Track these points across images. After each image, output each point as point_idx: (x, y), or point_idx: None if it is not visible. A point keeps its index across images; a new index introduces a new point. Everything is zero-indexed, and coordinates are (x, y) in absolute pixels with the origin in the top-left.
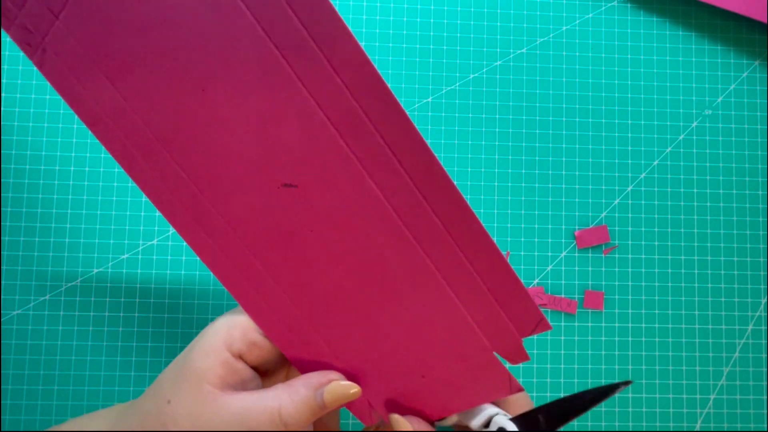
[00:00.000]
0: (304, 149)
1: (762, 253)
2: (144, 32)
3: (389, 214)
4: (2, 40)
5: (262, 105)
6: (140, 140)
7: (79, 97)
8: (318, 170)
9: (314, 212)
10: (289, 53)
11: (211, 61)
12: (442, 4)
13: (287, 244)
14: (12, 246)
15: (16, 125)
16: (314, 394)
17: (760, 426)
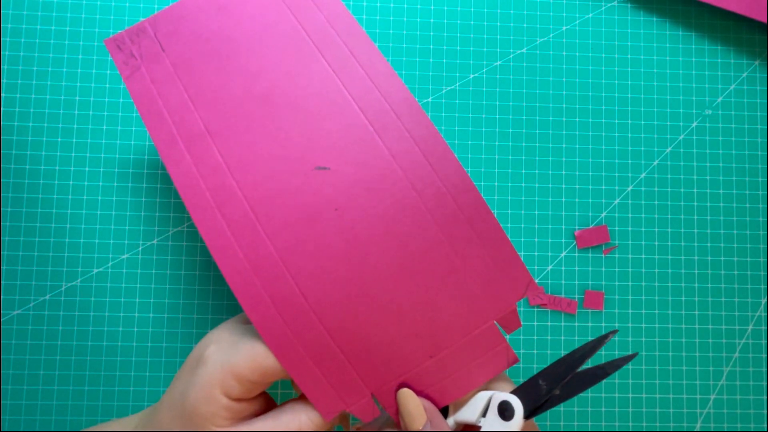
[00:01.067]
0: (341, 137)
1: (762, 253)
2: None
3: (413, 199)
4: (2, 40)
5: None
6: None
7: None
8: (350, 155)
9: (342, 192)
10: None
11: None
12: (442, 4)
13: (309, 224)
14: (12, 246)
15: (16, 125)
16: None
17: (760, 426)
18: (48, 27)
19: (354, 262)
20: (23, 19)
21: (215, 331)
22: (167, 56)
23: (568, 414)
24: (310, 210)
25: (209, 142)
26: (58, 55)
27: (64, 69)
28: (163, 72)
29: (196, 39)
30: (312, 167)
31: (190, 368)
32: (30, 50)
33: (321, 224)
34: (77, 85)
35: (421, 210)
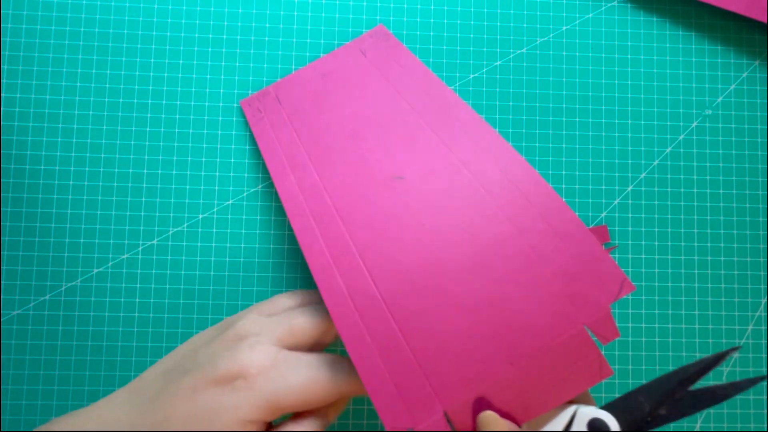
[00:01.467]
0: (413, 150)
1: (762, 253)
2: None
3: (482, 196)
4: (2, 41)
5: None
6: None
7: (270, 145)
8: (422, 165)
9: (415, 196)
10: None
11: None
12: (442, 4)
13: (386, 225)
14: (12, 246)
15: (16, 125)
16: None
17: (760, 426)
18: (48, 27)
19: (426, 259)
20: (23, 19)
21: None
22: (283, 108)
23: None
24: (388, 212)
25: (310, 167)
26: (58, 55)
27: (64, 69)
28: (279, 119)
29: (305, 95)
30: (390, 178)
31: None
32: (30, 50)
33: (396, 224)
34: (77, 85)
35: (492, 207)
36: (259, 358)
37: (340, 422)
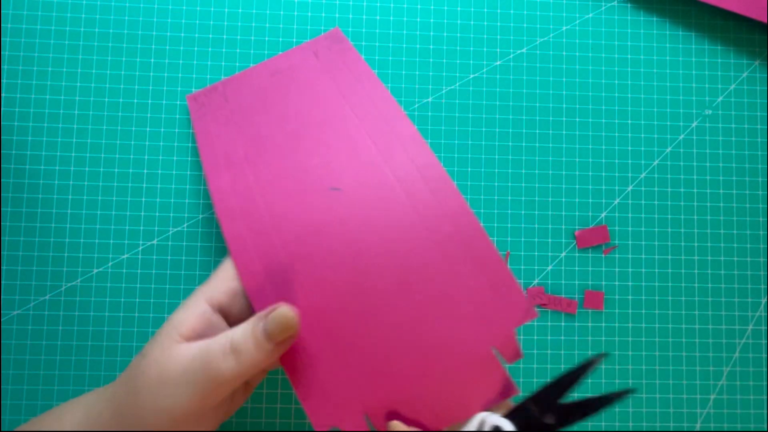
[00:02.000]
0: (353, 163)
1: (762, 253)
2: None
3: (412, 218)
4: (2, 41)
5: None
6: (232, 157)
7: (208, 141)
8: (360, 179)
9: (351, 210)
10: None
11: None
12: (442, 4)
13: (318, 236)
14: (12, 246)
15: (16, 125)
16: (257, 322)
17: (760, 426)
18: (48, 27)
19: (356, 275)
20: (23, 19)
21: None
22: (228, 105)
23: None
24: (321, 224)
25: (246, 167)
26: (58, 55)
27: (64, 69)
28: (222, 116)
29: (252, 93)
30: (327, 188)
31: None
32: (30, 50)
33: (328, 237)
34: (77, 85)
35: (421, 231)
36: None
37: None
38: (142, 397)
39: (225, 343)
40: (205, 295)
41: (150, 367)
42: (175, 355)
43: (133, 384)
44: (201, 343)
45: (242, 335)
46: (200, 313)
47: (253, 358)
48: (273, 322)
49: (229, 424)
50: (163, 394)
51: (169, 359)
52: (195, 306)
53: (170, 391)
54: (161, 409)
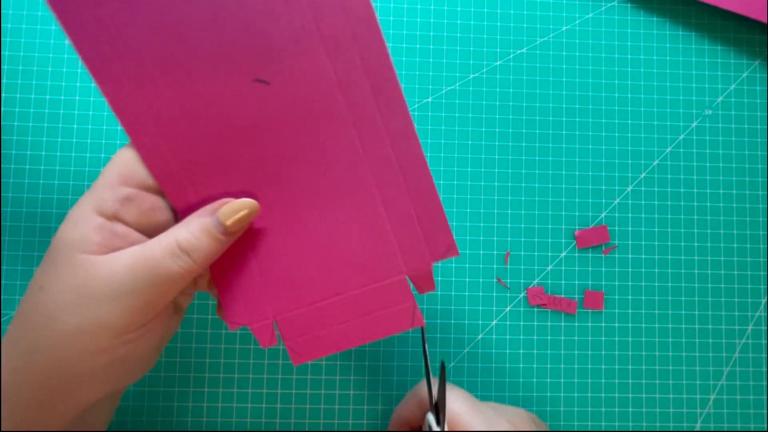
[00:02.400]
0: (288, 50)
1: (762, 253)
2: None
3: (348, 127)
4: (2, 41)
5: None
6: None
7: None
8: (296, 74)
9: (280, 112)
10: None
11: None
12: (442, 4)
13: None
14: (12, 246)
15: (16, 125)
16: (210, 218)
17: (760, 426)
18: (48, 27)
19: (282, 182)
20: (23, 19)
21: None
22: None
23: (568, 414)
24: (244, 123)
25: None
26: (58, 55)
27: (64, 69)
28: None
29: None
30: (251, 79)
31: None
32: (30, 50)
33: (254, 140)
34: (77, 85)
35: (357, 148)
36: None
37: (339, 422)
38: (61, 324)
39: (170, 244)
40: (92, 206)
41: (62, 292)
42: (100, 269)
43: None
44: (133, 250)
45: (191, 233)
46: (97, 226)
47: (207, 252)
48: (227, 215)
49: (229, 423)
50: (94, 310)
51: (93, 275)
52: (87, 220)
53: (104, 304)
54: (94, 325)
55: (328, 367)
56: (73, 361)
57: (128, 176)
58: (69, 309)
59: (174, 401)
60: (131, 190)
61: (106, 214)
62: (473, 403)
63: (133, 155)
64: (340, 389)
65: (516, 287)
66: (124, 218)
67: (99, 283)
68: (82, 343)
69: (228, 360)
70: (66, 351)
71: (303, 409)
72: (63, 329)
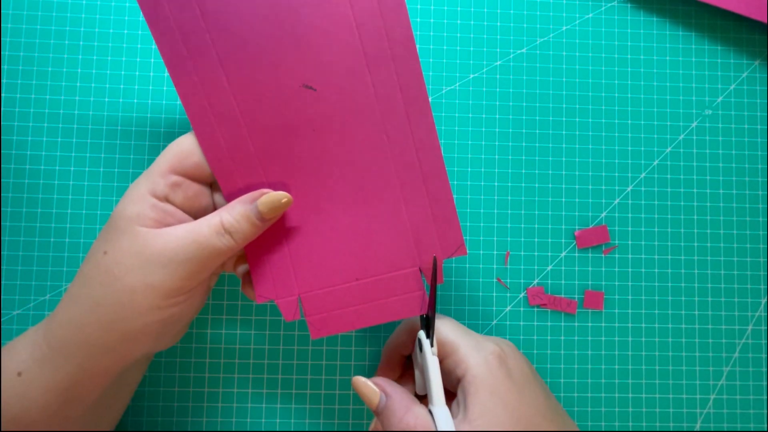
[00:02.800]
0: (335, 64)
1: (762, 253)
2: None
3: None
4: (2, 40)
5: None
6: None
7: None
8: (339, 82)
9: (323, 114)
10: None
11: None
12: (442, 4)
13: (286, 135)
14: (12, 246)
15: (16, 125)
16: (250, 206)
17: (760, 426)
18: (48, 27)
19: (318, 176)
20: (23, 19)
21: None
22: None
23: (568, 414)
24: (291, 122)
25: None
26: (58, 55)
27: (64, 69)
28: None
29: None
30: (300, 84)
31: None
32: (30, 50)
33: (298, 138)
34: (77, 85)
35: (386, 151)
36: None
37: (339, 422)
38: (122, 282)
39: (216, 224)
40: (147, 188)
41: (124, 257)
42: (157, 240)
43: (101, 279)
44: (185, 227)
45: (233, 217)
46: (152, 205)
47: (246, 234)
48: (266, 206)
49: (229, 423)
50: (151, 273)
51: (150, 244)
52: (144, 199)
53: (159, 269)
54: (150, 286)
55: (328, 367)
56: (130, 316)
57: (177, 166)
58: (130, 271)
59: (174, 401)
60: (179, 178)
61: (158, 196)
62: (462, 327)
63: (183, 150)
64: (340, 389)
65: (516, 287)
66: (173, 200)
67: (156, 251)
68: (139, 301)
69: (228, 360)
70: (125, 306)
71: (303, 409)
72: (124, 287)
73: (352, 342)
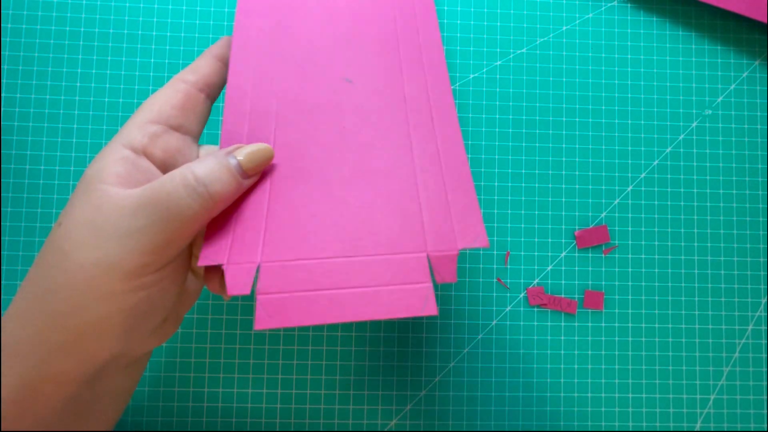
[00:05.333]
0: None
1: (762, 253)
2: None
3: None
4: (2, 40)
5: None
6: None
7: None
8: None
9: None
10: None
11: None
12: (442, 4)
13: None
14: (12, 246)
15: (16, 125)
16: (227, 158)
17: (760, 426)
18: (48, 27)
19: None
20: (23, 19)
21: None
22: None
23: (568, 414)
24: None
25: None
26: (58, 55)
27: (64, 69)
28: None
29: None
30: (340, 77)
31: None
32: (30, 50)
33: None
34: (77, 85)
35: (406, 139)
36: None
37: (339, 422)
38: (72, 261)
39: (186, 176)
40: (121, 141)
41: (76, 227)
42: (114, 203)
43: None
44: (148, 185)
45: (209, 168)
46: (122, 158)
47: (226, 188)
48: (251, 155)
49: (229, 423)
50: (104, 247)
51: (104, 208)
52: (113, 152)
53: (114, 242)
54: (104, 264)
55: (328, 367)
56: (85, 304)
57: (158, 115)
58: (81, 245)
59: (174, 401)
60: (159, 126)
61: (133, 148)
62: None
63: (163, 99)
64: (340, 389)
65: (516, 287)
66: (151, 154)
67: (110, 217)
68: (95, 284)
69: (228, 360)
70: (78, 291)
71: (303, 409)
72: (74, 267)
73: (352, 342)
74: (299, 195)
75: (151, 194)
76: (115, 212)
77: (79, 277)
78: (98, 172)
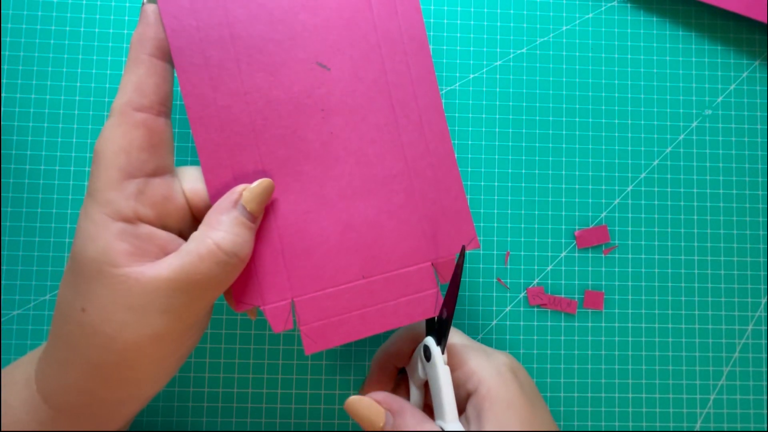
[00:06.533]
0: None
1: (762, 253)
2: None
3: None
4: (2, 40)
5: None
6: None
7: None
8: (353, 65)
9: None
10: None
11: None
12: (442, 4)
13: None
14: (12, 246)
15: (16, 125)
16: (236, 211)
17: (760, 426)
18: (48, 27)
19: (323, 164)
20: (23, 19)
21: None
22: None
23: (569, 414)
24: (299, 100)
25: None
26: (58, 55)
27: (64, 69)
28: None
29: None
30: (314, 62)
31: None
32: (30, 50)
33: (305, 118)
34: (77, 85)
35: (397, 140)
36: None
37: (339, 422)
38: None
39: (213, 251)
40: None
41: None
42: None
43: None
44: (173, 262)
45: (232, 234)
46: (119, 233)
47: (250, 246)
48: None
49: (229, 423)
50: (151, 324)
51: (136, 293)
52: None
53: (159, 317)
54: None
55: (328, 367)
56: (139, 371)
57: (128, 167)
58: (126, 327)
59: (174, 401)
60: (138, 181)
61: (126, 218)
62: (465, 335)
63: (125, 142)
64: (340, 389)
65: (516, 287)
66: (145, 216)
67: (146, 299)
68: (149, 353)
69: (228, 360)
70: (134, 362)
71: (303, 409)
72: (126, 345)
73: (352, 342)
74: (306, 222)
75: (186, 277)
76: (149, 294)
77: (132, 352)
78: (104, 256)
